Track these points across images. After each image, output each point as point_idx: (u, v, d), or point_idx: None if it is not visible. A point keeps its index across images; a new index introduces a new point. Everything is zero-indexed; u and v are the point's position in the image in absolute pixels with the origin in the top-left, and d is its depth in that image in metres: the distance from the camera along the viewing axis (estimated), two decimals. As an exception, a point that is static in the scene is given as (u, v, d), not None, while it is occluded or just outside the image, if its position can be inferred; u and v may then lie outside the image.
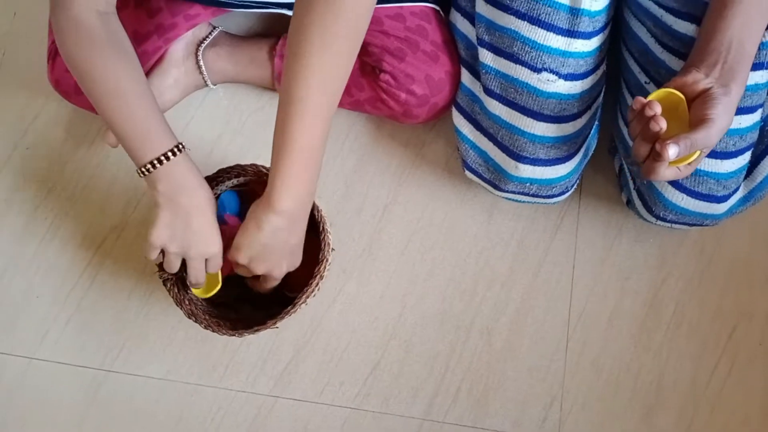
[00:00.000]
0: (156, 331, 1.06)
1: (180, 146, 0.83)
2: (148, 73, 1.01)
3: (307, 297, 0.92)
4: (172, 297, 0.94)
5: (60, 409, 1.04)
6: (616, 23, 0.95)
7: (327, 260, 0.93)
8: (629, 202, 0.99)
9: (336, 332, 1.04)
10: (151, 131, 0.82)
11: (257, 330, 0.92)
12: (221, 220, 0.99)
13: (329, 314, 1.05)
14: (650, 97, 0.77)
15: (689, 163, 0.77)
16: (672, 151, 0.73)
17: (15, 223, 1.09)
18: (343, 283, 1.05)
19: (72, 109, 1.10)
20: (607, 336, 1.03)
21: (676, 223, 0.94)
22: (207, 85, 1.06)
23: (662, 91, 0.78)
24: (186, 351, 1.05)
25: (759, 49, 0.85)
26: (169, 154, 0.82)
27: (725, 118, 0.75)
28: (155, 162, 0.82)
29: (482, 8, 0.91)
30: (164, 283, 0.94)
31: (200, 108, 1.10)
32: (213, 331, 0.93)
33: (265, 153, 1.07)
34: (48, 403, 1.05)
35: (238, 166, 0.96)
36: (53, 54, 0.99)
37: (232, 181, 1.00)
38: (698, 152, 0.76)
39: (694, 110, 0.76)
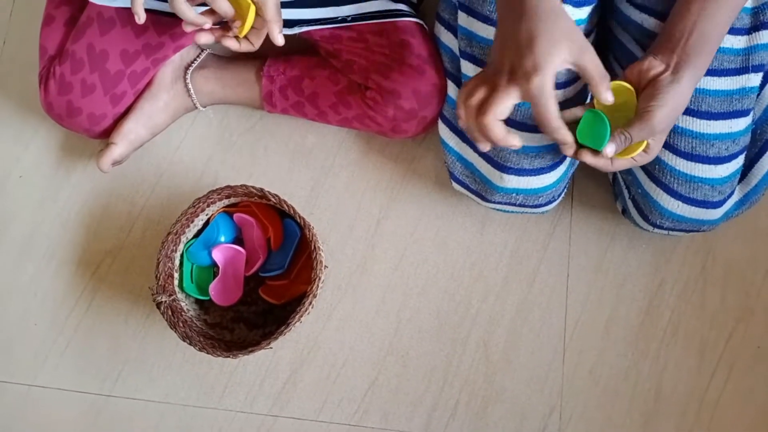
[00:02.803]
0: (154, 354, 1.06)
1: None
2: (138, 98, 1.02)
3: (301, 316, 0.92)
4: (166, 320, 0.94)
5: (60, 435, 1.05)
6: (604, 34, 0.95)
7: (319, 278, 0.93)
8: (624, 211, 0.99)
9: (332, 349, 1.04)
10: None
11: (252, 351, 0.92)
12: (216, 243, 1.00)
13: (325, 332, 1.05)
14: None
15: (641, 152, 0.79)
16: (609, 149, 0.77)
17: (10, 251, 1.10)
18: (338, 300, 1.05)
19: (65, 134, 1.11)
20: (604, 344, 1.02)
21: (672, 230, 0.94)
22: (196, 108, 1.07)
23: (614, 83, 0.78)
24: (184, 373, 1.05)
25: (748, 53, 0.85)
26: None
27: (671, 105, 0.76)
28: None
29: (463, 20, 0.91)
30: (158, 306, 0.94)
31: (190, 130, 1.10)
32: (207, 353, 0.93)
33: (257, 172, 1.09)
34: (48, 430, 1.05)
35: (228, 187, 0.97)
36: (45, 78, 1.00)
37: (222, 201, 1.00)
38: (644, 143, 0.78)
39: (641, 100, 0.78)
